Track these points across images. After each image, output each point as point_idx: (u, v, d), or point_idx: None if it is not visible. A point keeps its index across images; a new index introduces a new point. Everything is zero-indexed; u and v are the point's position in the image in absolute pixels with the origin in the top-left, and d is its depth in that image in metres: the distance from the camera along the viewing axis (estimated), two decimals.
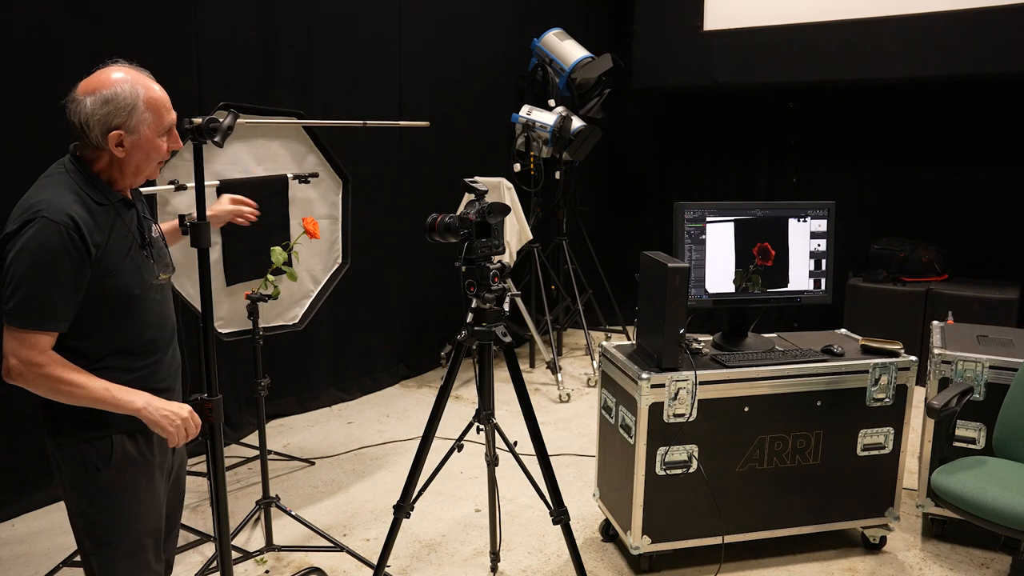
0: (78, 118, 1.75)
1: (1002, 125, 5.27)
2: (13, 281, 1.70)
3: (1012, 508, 2.40)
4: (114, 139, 1.76)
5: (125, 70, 1.81)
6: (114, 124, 1.75)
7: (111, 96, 1.76)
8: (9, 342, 1.71)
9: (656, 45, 6.05)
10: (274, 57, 4.24)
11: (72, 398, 1.76)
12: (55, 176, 1.79)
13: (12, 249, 1.70)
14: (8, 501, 3.32)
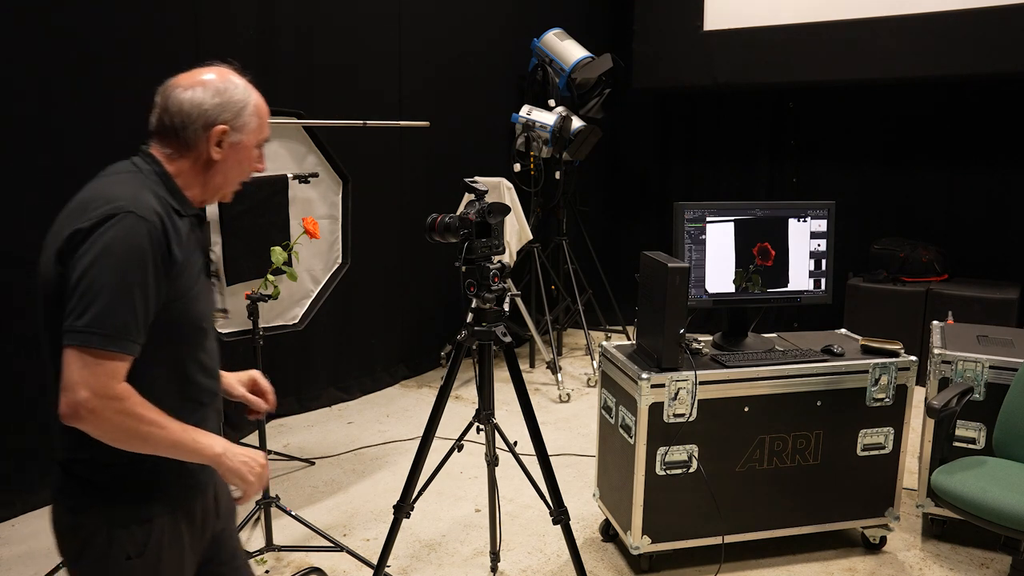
0: (178, 108, 1.52)
1: (1002, 125, 5.27)
2: (90, 290, 1.35)
3: (1012, 508, 2.40)
4: (216, 135, 1.54)
5: (233, 70, 1.63)
6: (221, 119, 1.54)
7: (224, 89, 1.57)
8: (77, 370, 1.34)
9: (656, 45, 6.05)
10: (274, 57, 4.24)
11: (148, 443, 1.41)
12: (125, 174, 1.50)
13: (88, 250, 1.36)
14: (8, 501, 3.32)
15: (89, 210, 1.40)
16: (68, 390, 1.35)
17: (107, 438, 1.39)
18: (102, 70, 3.47)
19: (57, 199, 3.41)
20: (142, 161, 1.54)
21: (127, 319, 1.37)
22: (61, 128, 3.38)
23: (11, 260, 3.29)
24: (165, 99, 1.55)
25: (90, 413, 1.35)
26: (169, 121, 1.53)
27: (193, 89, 1.54)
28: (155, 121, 1.55)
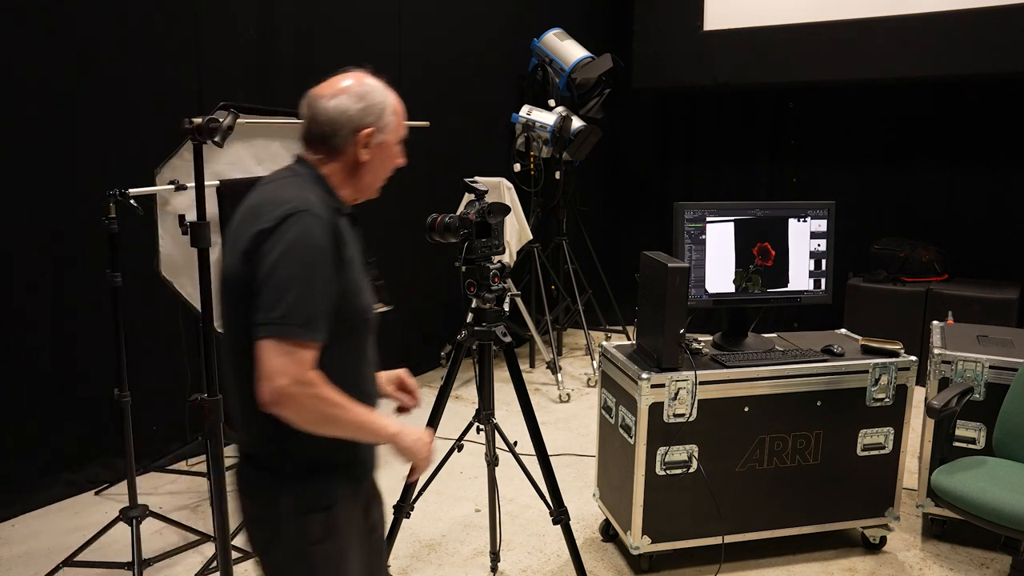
0: (326, 116, 1.61)
1: (1002, 125, 5.27)
2: (280, 285, 1.45)
3: (1012, 508, 2.40)
4: (363, 139, 1.62)
5: (368, 75, 1.72)
6: (366, 122, 1.63)
7: (364, 94, 1.65)
8: (275, 359, 1.43)
9: (656, 45, 6.05)
10: (274, 57, 4.24)
11: (337, 425, 1.51)
12: (289, 179, 1.60)
13: (274, 248, 1.46)
14: (8, 501, 3.32)
15: (264, 212, 1.50)
16: (268, 379, 1.43)
17: (302, 423, 1.48)
18: (102, 70, 3.48)
19: (60, 199, 3.42)
20: (298, 166, 1.64)
21: (315, 309, 1.47)
22: (60, 128, 3.38)
23: (11, 261, 3.29)
24: (311, 110, 1.64)
25: (289, 399, 1.44)
26: (318, 129, 1.62)
27: (337, 97, 1.63)
28: (304, 131, 1.65)
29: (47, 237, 3.37)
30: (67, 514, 3.37)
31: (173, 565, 2.98)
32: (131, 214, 2.67)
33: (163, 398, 3.78)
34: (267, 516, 1.57)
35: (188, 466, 3.82)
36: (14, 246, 3.29)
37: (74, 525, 3.27)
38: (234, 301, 1.54)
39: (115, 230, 2.75)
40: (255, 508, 1.59)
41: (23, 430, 3.35)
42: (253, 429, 1.57)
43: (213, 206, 2.94)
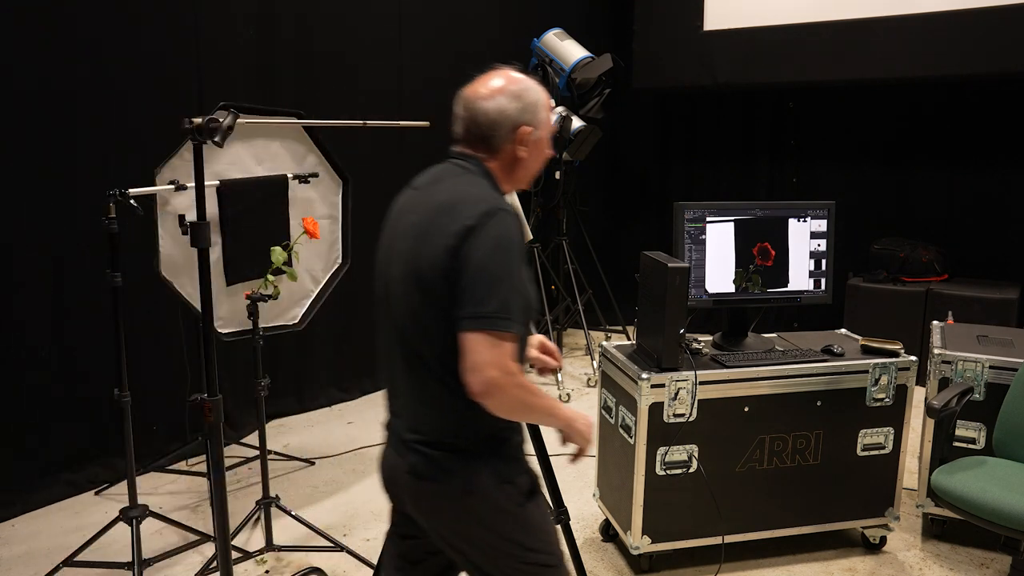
0: (486, 118, 1.70)
1: (1002, 125, 5.27)
2: (490, 281, 1.53)
3: (1012, 508, 2.40)
4: (522, 135, 1.71)
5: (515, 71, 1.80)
6: (524, 120, 1.71)
7: (521, 92, 1.73)
8: (486, 352, 1.52)
9: (656, 45, 6.05)
10: (274, 57, 4.24)
11: (532, 412, 1.65)
12: (466, 176, 1.69)
13: (481, 245, 1.54)
14: (8, 501, 3.32)
15: (463, 210, 1.58)
16: (478, 371, 1.53)
17: (504, 411, 1.59)
18: (102, 70, 3.48)
19: (60, 199, 3.42)
20: (465, 162, 1.73)
21: (518, 303, 1.56)
22: (60, 128, 3.38)
23: (11, 261, 3.29)
24: (469, 110, 1.73)
25: (498, 389, 1.53)
26: (477, 130, 1.71)
27: (495, 98, 1.71)
28: (462, 130, 1.74)
29: (47, 237, 3.37)
30: (67, 514, 3.37)
31: (173, 565, 2.98)
32: (131, 214, 2.67)
33: (163, 398, 3.78)
34: (473, 493, 1.65)
35: (188, 466, 3.82)
36: (14, 246, 3.29)
37: (74, 525, 3.27)
38: (420, 293, 1.60)
39: (115, 230, 2.74)
40: (449, 489, 1.65)
41: (23, 430, 3.35)
42: (446, 419, 1.65)
43: (213, 206, 2.94)
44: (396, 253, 1.69)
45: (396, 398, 1.75)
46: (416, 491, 1.70)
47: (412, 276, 1.62)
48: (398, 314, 1.67)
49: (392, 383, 1.75)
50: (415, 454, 1.68)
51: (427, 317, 1.61)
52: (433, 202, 1.66)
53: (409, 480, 1.69)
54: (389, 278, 1.71)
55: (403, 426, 1.72)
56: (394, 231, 1.74)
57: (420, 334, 1.63)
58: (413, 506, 1.73)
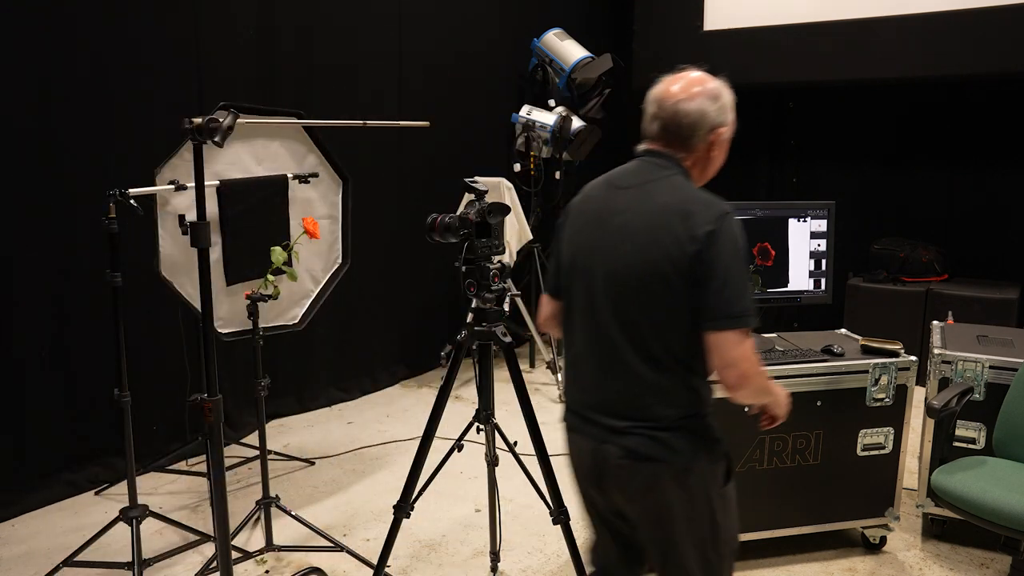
0: (688, 118, 1.75)
1: (1002, 125, 5.27)
2: (734, 283, 1.65)
3: (1012, 508, 2.40)
4: (718, 135, 1.78)
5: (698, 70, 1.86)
6: (721, 120, 1.78)
7: (717, 93, 1.80)
8: (738, 348, 1.65)
9: (656, 45, 6.05)
10: (274, 57, 4.24)
11: (764, 394, 1.78)
12: (674, 176, 1.77)
13: (724, 249, 1.65)
14: (8, 501, 3.32)
15: (697, 213, 1.67)
16: (734, 365, 1.65)
17: (750, 397, 1.73)
18: (102, 70, 3.48)
19: (61, 199, 3.41)
20: (665, 161, 1.79)
21: (753, 301, 1.67)
22: (61, 127, 3.38)
23: (11, 261, 3.29)
24: (668, 110, 1.77)
25: (749, 380, 1.67)
26: (677, 129, 1.76)
27: (696, 99, 1.76)
28: (658, 129, 1.79)
29: (47, 237, 3.37)
30: (67, 514, 3.37)
31: (173, 565, 2.98)
32: (131, 214, 2.67)
33: (163, 398, 3.78)
34: (691, 470, 1.76)
35: (188, 466, 3.82)
36: (14, 246, 3.29)
37: (74, 525, 3.27)
38: (656, 292, 1.68)
39: (115, 230, 2.74)
40: (670, 467, 1.75)
41: (23, 430, 3.35)
42: (670, 402, 1.74)
43: (213, 206, 2.94)
44: (608, 250, 1.76)
45: (598, 392, 1.82)
46: (631, 471, 1.76)
47: (646, 275, 1.69)
48: (619, 310, 1.73)
49: (593, 379, 1.83)
50: (634, 437, 1.75)
51: (661, 313, 1.69)
52: (654, 203, 1.73)
53: (624, 463, 1.76)
54: (595, 274, 1.77)
55: (611, 415, 1.79)
56: (599, 227, 1.79)
57: (652, 329, 1.71)
58: (621, 490, 1.81)
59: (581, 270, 1.82)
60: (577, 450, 1.92)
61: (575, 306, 1.86)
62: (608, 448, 1.79)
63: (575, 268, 1.84)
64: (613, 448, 1.78)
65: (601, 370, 1.80)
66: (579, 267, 1.82)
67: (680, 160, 1.79)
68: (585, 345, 1.84)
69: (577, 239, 1.86)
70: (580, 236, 1.85)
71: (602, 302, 1.77)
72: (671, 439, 1.74)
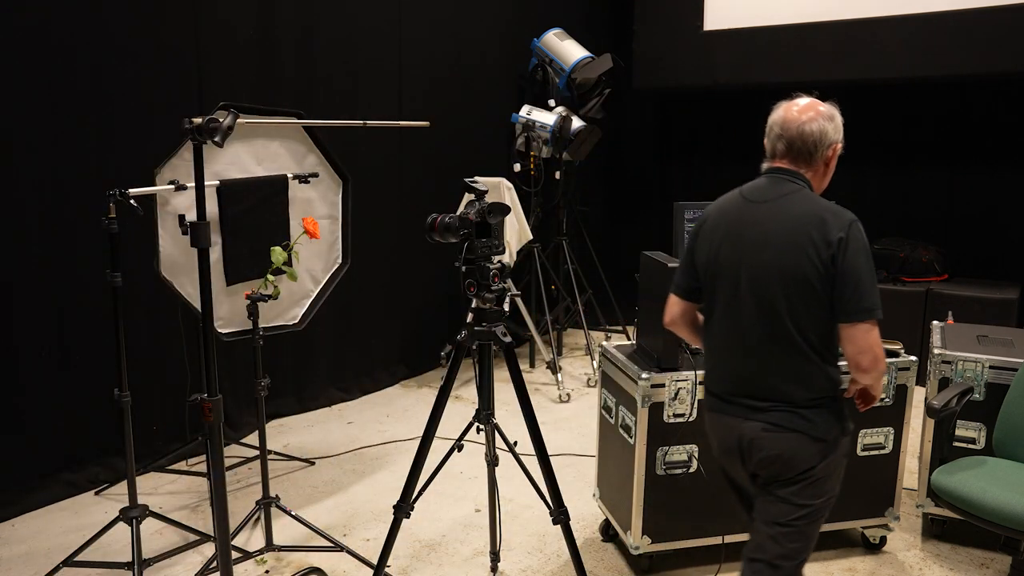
0: (812, 137, 2.03)
1: (1002, 125, 5.27)
2: (864, 280, 1.91)
3: (1012, 508, 2.40)
4: (834, 151, 2.08)
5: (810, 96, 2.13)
6: (836, 138, 2.08)
7: (832, 114, 2.09)
8: (871, 336, 1.92)
9: (656, 45, 6.05)
10: (274, 57, 4.24)
11: (883, 375, 2.06)
12: (800, 191, 2.04)
13: (856, 253, 1.90)
14: (8, 501, 3.32)
15: (829, 222, 1.92)
16: (868, 351, 1.93)
17: (875, 378, 2.01)
18: (102, 70, 3.48)
19: (61, 199, 3.41)
20: (789, 176, 2.07)
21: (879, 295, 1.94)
22: (61, 128, 3.38)
23: (11, 261, 3.29)
24: (793, 131, 2.05)
25: (878, 363, 1.95)
26: (801, 146, 2.05)
27: (815, 121, 2.04)
28: (784, 148, 2.08)
29: (47, 237, 3.37)
30: (67, 514, 3.38)
31: (173, 565, 2.98)
32: (131, 214, 2.67)
33: (163, 398, 3.78)
34: (822, 439, 2.00)
35: (188, 466, 3.82)
36: (15, 246, 3.29)
37: (74, 525, 3.27)
38: (798, 292, 1.94)
39: (115, 230, 2.74)
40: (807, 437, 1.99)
41: (23, 430, 3.35)
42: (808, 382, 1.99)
43: (213, 206, 2.94)
44: (751, 256, 2.01)
45: (741, 378, 2.05)
46: (772, 441, 2.00)
47: (786, 277, 1.95)
48: (762, 307, 1.98)
49: (736, 367, 2.06)
50: (776, 413, 2.00)
51: (802, 310, 1.95)
52: (790, 215, 1.98)
53: (766, 433, 2.00)
54: (739, 277, 2.02)
55: (754, 398, 2.03)
56: (739, 236, 2.04)
57: (792, 322, 1.96)
58: (762, 459, 2.02)
59: (725, 273, 2.06)
60: (721, 428, 2.12)
61: (716, 304, 2.10)
62: (751, 424, 2.02)
63: (718, 272, 2.08)
64: (756, 424, 2.02)
65: (744, 358, 2.04)
66: (723, 271, 2.06)
67: (804, 175, 2.06)
68: (728, 337, 2.07)
69: (717, 247, 2.09)
70: (720, 244, 2.09)
71: (747, 300, 2.01)
72: (809, 414, 1.99)
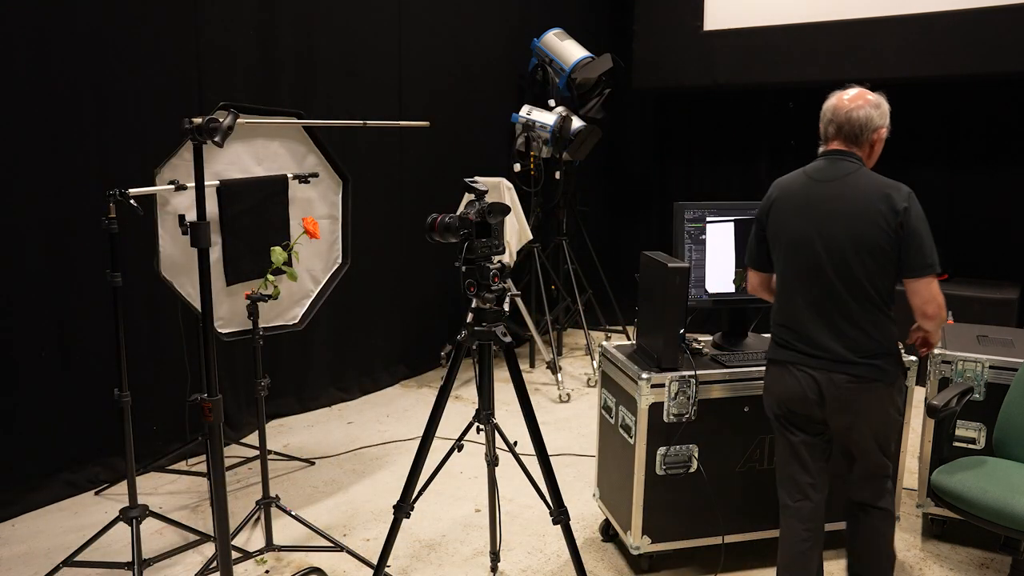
0: (859, 122, 2.34)
1: (1002, 125, 5.26)
2: (925, 241, 2.26)
3: (1012, 508, 2.40)
4: (879, 135, 2.38)
5: (862, 87, 2.43)
6: (881, 124, 2.38)
7: (878, 102, 2.38)
8: (933, 287, 2.30)
9: (656, 45, 6.06)
10: (274, 57, 4.24)
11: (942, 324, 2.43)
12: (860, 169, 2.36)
13: (917, 219, 2.26)
14: (8, 501, 3.32)
15: (893, 196, 2.26)
16: (932, 300, 2.31)
17: (938, 325, 2.40)
18: (102, 70, 3.48)
19: (61, 199, 3.41)
20: (850, 159, 2.36)
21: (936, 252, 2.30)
22: (61, 127, 3.38)
23: (11, 261, 3.29)
24: (842, 116, 2.35)
25: (941, 310, 2.33)
26: (852, 131, 2.35)
27: (862, 108, 2.35)
28: (834, 132, 2.38)
29: (47, 237, 3.37)
30: (67, 514, 3.38)
31: (173, 565, 2.98)
32: (131, 214, 2.67)
33: (163, 398, 3.78)
34: (893, 384, 2.34)
35: (188, 466, 3.82)
36: (14, 246, 3.29)
37: (74, 525, 3.27)
38: (872, 257, 2.28)
39: (115, 230, 2.74)
40: (882, 385, 2.32)
41: (23, 430, 3.35)
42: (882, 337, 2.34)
43: (213, 206, 2.94)
44: (826, 227, 2.32)
45: (822, 334, 2.34)
46: (856, 391, 2.31)
47: (860, 243, 2.27)
48: (843, 274, 2.30)
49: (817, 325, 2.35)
50: (859, 366, 2.31)
51: (876, 270, 2.29)
52: (857, 190, 2.30)
53: (851, 385, 2.31)
54: (815, 246, 2.33)
55: (839, 351, 2.32)
56: (811, 211, 2.35)
57: (871, 283, 2.30)
58: (842, 408, 2.33)
59: (800, 244, 2.37)
60: (799, 380, 2.38)
61: (792, 273, 2.41)
62: (836, 376, 2.31)
63: (792, 243, 2.39)
64: (840, 376, 2.31)
65: (825, 317, 2.34)
66: (797, 242, 2.37)
67: (856, 154, 2.37)
68: (807, 300, 2.37)
69: (790, 222, 2.40)
70: (792, 218, 2.40)
71: (825, 266, 2.32)
72: (882, 364, 2.31)
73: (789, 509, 2.49)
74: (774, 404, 2.50)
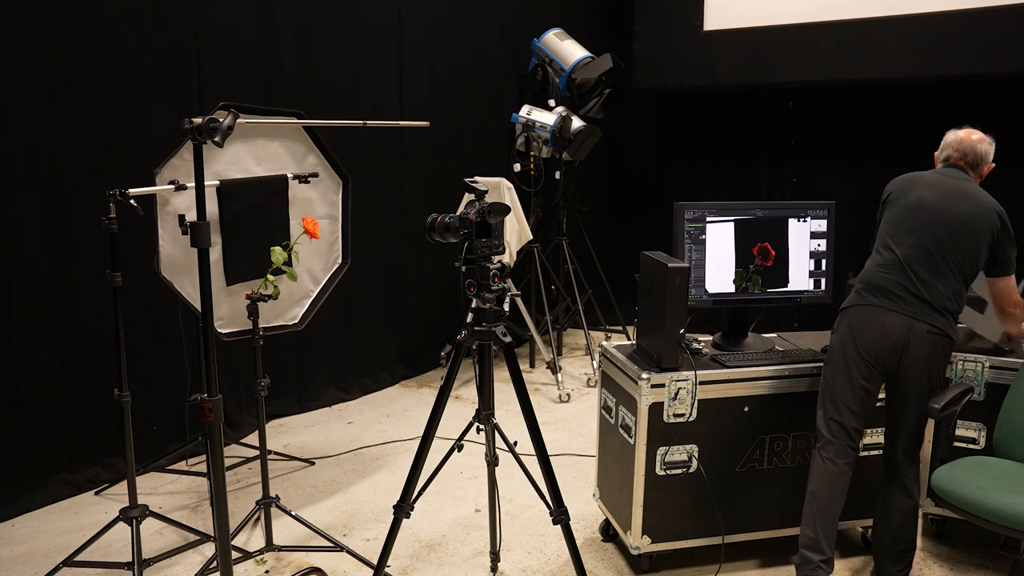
0: (979, 154, 2.86)
1: (1001, 125, 5.25)
2: (1012, 246, 2.72)
3: (1012, 508, 2.40)
4: (989, 168, 2.90)
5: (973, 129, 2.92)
6: (991, 160, 2.88)
7: (992, 142, 2.89)
8: (1012, 284, 2.75)
9: (656, 45, 6.05)
10: (274, 56, 4.24)
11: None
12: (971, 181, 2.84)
13: (1006, 228, 2.71)
14: (8, 501, 3.32)
15: (995, 210, 2.72)
16: (1012, 293, 2.76)
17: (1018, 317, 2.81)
18: (102, 70, 3.48)
19: (61, 199, 3.41)
20: (967, 176, 2.84)
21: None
22: (61, 128, 3.38)
23: (11, 261, 3.30)
24: (968, 148, 2.88)
25: (1019, 306, 2.78)
26: (972, 159, 2.86)
27: (983, 143, 2.86)
28: (959, 156, 2.88)
29: (47, 237, 3.37)
30: (67, 514, 3.38)
31: (173, 565, 2.98)
32: (131, 214, 2.67)
33: (163, 398, 3.78)
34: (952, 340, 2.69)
35: (188, 466, 3.82)
36: (14, 246, 3.29)
37: (74, 525, 3.27)
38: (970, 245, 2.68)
39: (115, 230, 2.74)
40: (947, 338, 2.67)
41: (23, 430, 3.35)
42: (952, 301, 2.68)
43: (213, 206, 2.94)
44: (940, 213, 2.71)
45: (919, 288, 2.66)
46: (930, 340, 2.64)
47: (966, 233, 2.67)
48: (947, 248, 2.67)
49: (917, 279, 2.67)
50: (940, 318, 2.65)
51: (972, 256, 2.68)
52: (972, 200, 2.73)
53: (927, 335, 2.63)
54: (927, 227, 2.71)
55: (926, 303, 2.64)
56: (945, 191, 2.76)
57: (963, 259, 2.67)
58: (915, 353, 2.64)
59: (918, 225, 2.73)
60: (887, 323, 2.66)
61: (909, 227, 2.75)
62: (920, 324, 2.63)
63: (911, 223, 2.75)
64: (923, 325, 2.63)
65: (926, 276, 2.67)
66: (915, 225, 2.73)
67: (972, 177, 2.86)
68: (915, 258, 2.69)
69: (920, 191, 2.81)
70: (923, 189, 2.81)
71: (936, 241, 2.68)
72: (949, 321, 2.67)
73: (831, 444, 2.72)
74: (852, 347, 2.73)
